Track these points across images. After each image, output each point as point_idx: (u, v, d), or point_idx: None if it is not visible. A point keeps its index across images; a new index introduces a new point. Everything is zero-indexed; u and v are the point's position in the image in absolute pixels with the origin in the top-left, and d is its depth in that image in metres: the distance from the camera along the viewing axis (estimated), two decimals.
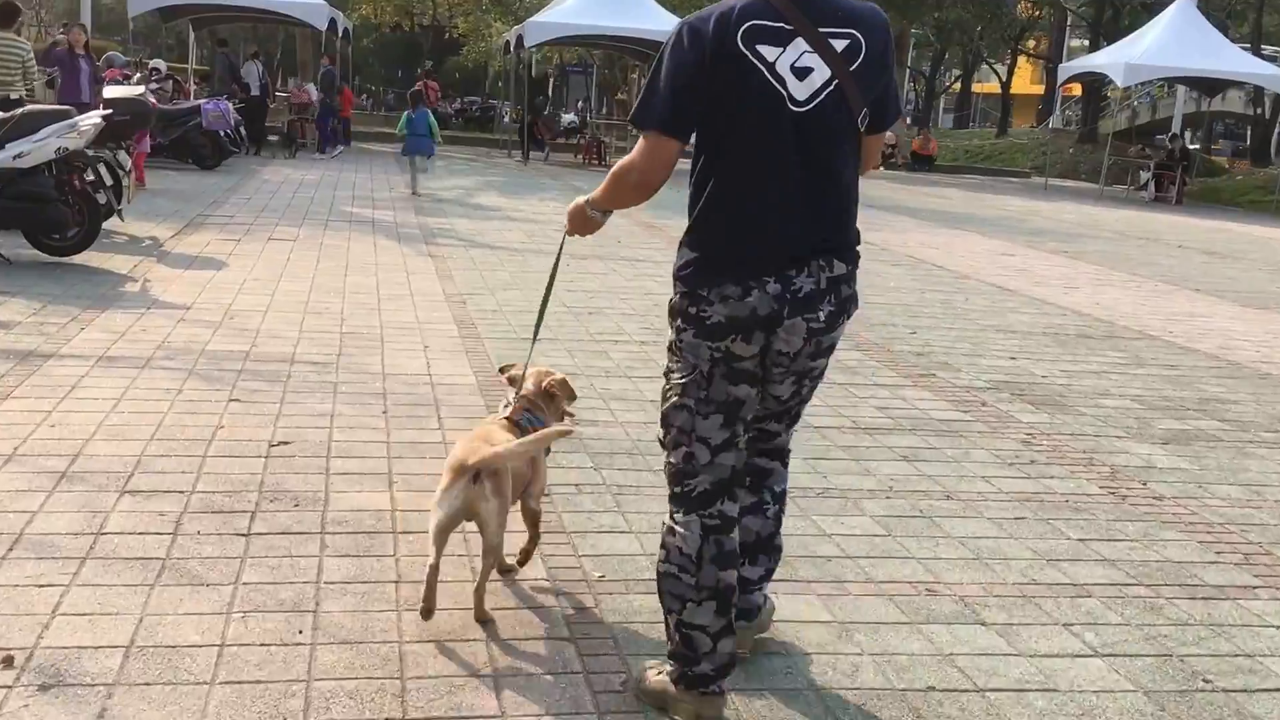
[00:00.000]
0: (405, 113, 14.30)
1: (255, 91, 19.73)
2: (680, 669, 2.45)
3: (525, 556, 3.12)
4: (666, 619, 2.49)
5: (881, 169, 28.46)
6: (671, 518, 2.49)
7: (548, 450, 3.17)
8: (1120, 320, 8.28)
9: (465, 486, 2.74)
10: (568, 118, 33.01)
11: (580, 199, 2.62)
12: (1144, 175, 25.31)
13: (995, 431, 5.08)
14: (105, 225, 8.37)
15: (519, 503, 3.01)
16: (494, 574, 2.95)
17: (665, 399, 2.49)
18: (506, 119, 27.60)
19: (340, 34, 21.07)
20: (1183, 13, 22.98)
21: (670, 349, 2.47)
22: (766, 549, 2.67)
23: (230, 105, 14.83)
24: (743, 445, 2.48)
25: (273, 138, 19.20)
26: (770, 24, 2.29)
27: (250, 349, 5.42)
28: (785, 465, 2.70)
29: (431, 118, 14.20)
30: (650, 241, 10.62)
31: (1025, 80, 56.54)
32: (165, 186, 12.26)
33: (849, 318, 2.50)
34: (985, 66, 48.02)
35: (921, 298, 8.51)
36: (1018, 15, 32.41)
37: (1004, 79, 42.40)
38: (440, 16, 39.93)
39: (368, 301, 6.80)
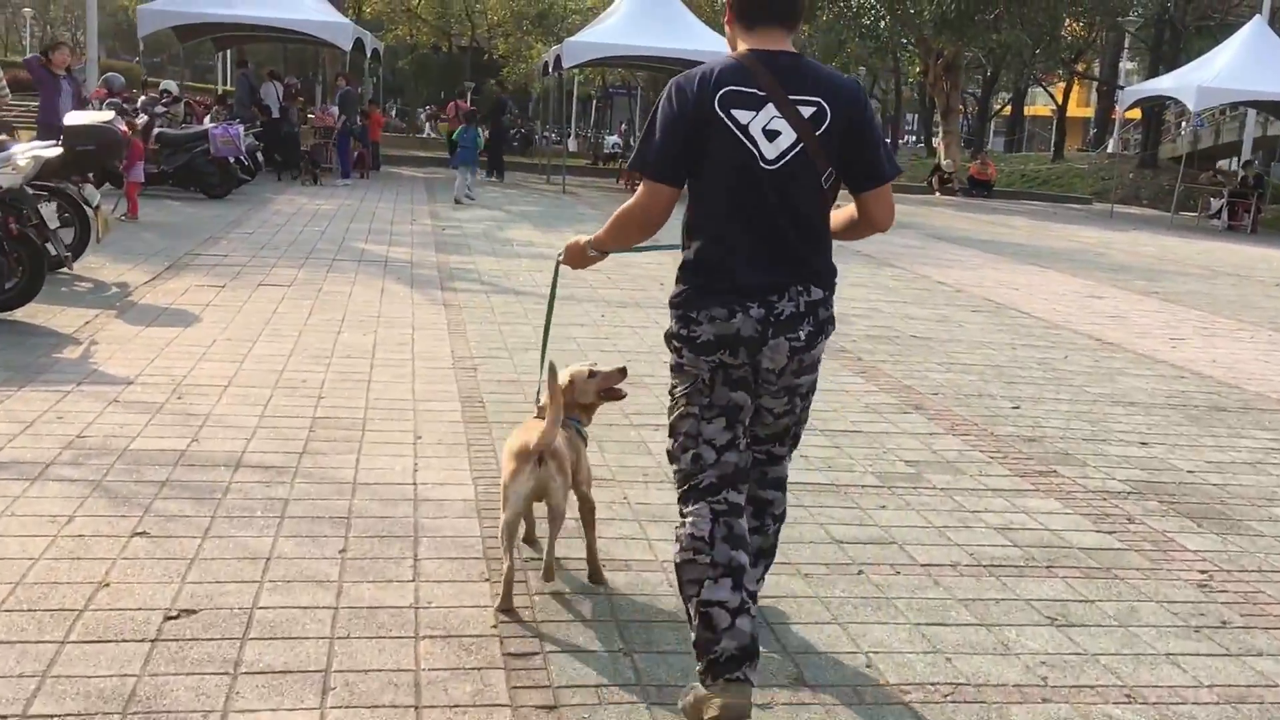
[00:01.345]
0: (459, 128, 16.79)
1: (275, 114, 18.88)
2: (706, 659, 2.54)
3: (591, 556, 3.34)
4: (688, 609, 2.62)
5: (938, 194, 27.24)
6: (681, 515, 2.72)
7: (585, 440, 3.36)
8: (1249, 384, 6.94)
9: (534, 470, 3.03)
10: (611, 140, 31.95)
11: (581, 238, 2.97)
12: (1215, 203, 23.78)
13: (1158, 568, 3.80)
14: (72, 268, 7.34)
15: (572, 491, 3.21)
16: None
17: (672, 412, 2.78)
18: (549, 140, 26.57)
19: (368, 54, 20.10)
20: (1256, 34, 21.52)
21: (672, 370, 2.77)
22: (766, 557, 2.90)
23: (241, 130, 13.82)
24: (744, 447, 2.74)
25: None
26: (745, 89, 2.61)
27: (188, 446, 4.26)
28: (784, 493, 2.94)
29: (479, 136, 16.19)
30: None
31: (1072, 102, 54.94)
32: (161, 219, 11.27)
33: (826, 337, 2.79)
34: (1031, 89, 46.59)
35: (1014, 356, 7.21)
36: (1074, 37, 30.89)
37: (1058, 102, 40.91)
38: (479, 38, 39.14)
39: (357, 370, 5.64)
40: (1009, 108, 50.37)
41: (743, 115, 2.60)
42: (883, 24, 27.17)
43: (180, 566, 3.18)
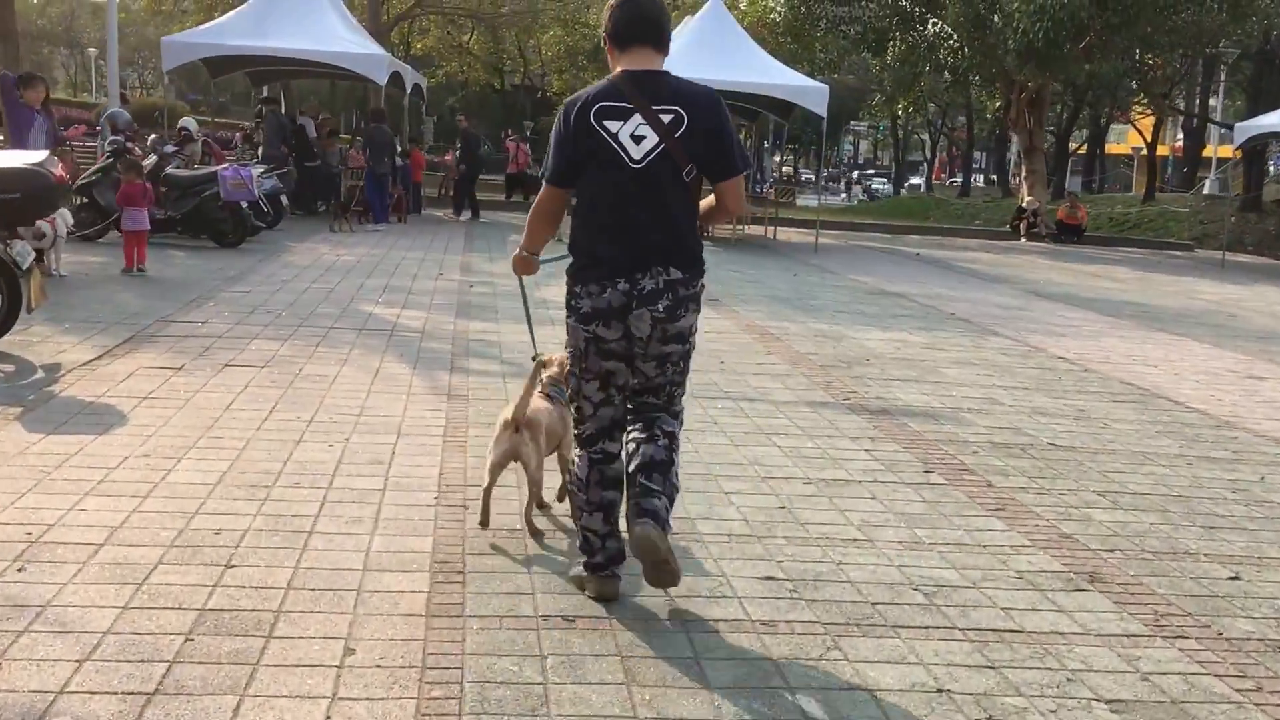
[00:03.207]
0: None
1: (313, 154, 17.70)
2: (586, 562, 3.43)
3: (562, 493, 4.16)
4: (575, 523, 3.59)
5: (1024, 239, 25.24)
6: (574, 453, 3.52)
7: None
8: None
9: (510, 436, 3.77)
10: None
11: (517, 250, 3.64)
12: None
13: None
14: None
15: (555, 452, 4.02)
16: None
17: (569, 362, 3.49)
18: None
19: (408, 89, 18.83)
20: None
21: (567, 332, 3.42)
22: (663, 470, 3.30)
23: (254, 172, 12.49)
24: (618, 403, 3.40)
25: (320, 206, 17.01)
26: (615, 104, 3.25)
27: None
28: (672, 416, 3.43)
29: None
30: (766, 362, 7.72)
31: (1140, 139, 52.29)
32: (153, 273, 9.90)
33: (688, 313, 3.31)
34: (1101, 126, 44.29)
35: (1193, 477, 5.40)
36: (1170, 68, 28.78)
37: (1146, 139, 38.64)
38: (532, 75, 38.11)
39: (298, 512, 4.06)
40: (1084, 146, 48.10)
41: (613, 125, 3.24)
42: (961, 55, 25.36)
43: None
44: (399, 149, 18.11)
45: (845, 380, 7.19)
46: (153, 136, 14.40)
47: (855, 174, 65.65)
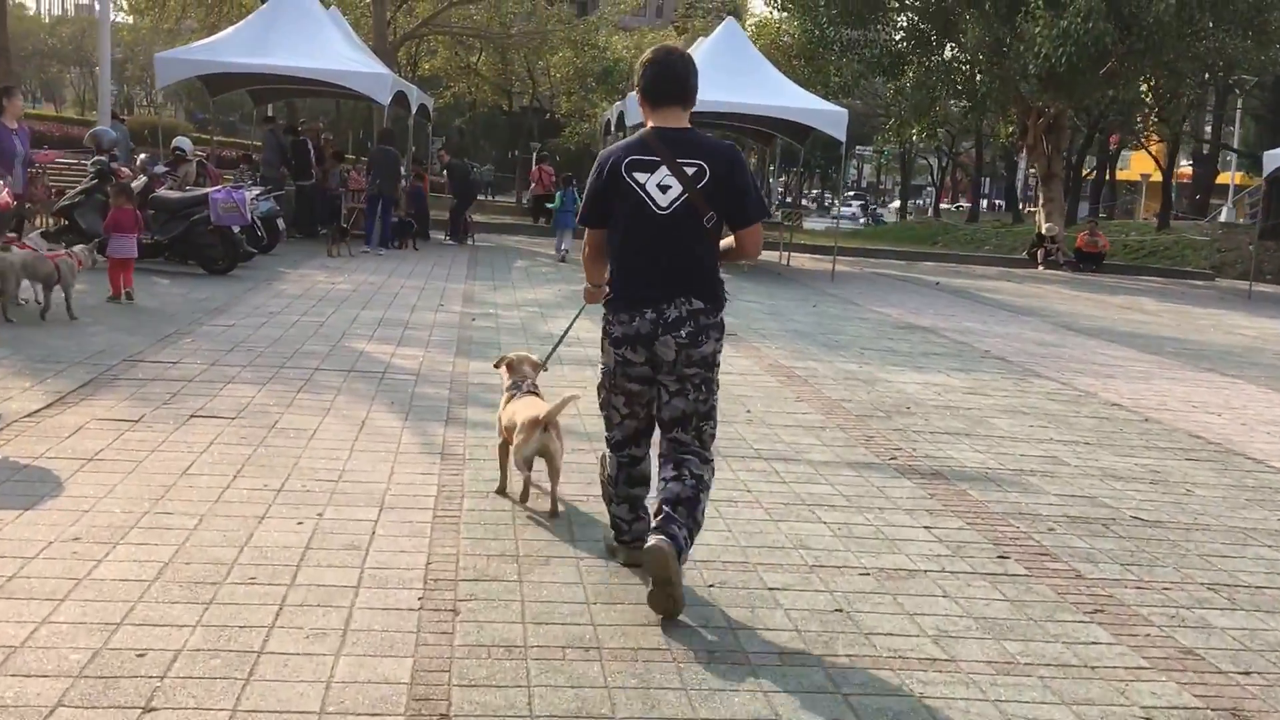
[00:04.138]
0: (559, 191, 17.92)
1: (314, 175, 17.06)
2: (616, 536, 3.96)
3: (554, 509, 4.53)
4: (607, 508, 4.00)
5: (1042, 267, 24.51)
6: (606, 446, 3.95)
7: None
8: None
9: (540, 434, 4.28)
10: None
11: (586, 286, 4.03)
12: None
13: None
14: None
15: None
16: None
17: (599, 380, 3.93)
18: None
19: (413, 110, 18.18)
20: None
21: (601, 349, 3.86)
22: (689, 506, 3.59)
23: (247, 195, 11.79)
24: (642, 417, 3.81)
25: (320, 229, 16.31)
26: (644, 157, 3.66)
27: None
28: (701, 459, 3.71)
29: (577, 198, 16.52)
30: (796, 410, 6.96)
31: (1148, 165, 51.56)
32: (137, 301, 9.16)
33: (709, 340, 3.67)
34: (1110, 152, 43.62)
35: None
36: (1192, 94, 28.07)
37: (1161, 165, 37.90)
38: (541, 96, 37.53)
39: (255, 617, 3.30)
40: (1093, 172, 47.38)
41: (641, 176, 3.65)
42: (978, 78, 24.68)
43: None
44: (404, 172, 17.44)
45: (887, 434, 6.43)
46: (143, 156, 13.71)
47: (857, 199, 65.21)
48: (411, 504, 4.51)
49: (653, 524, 3.58)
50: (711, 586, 3.79)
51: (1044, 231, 25.66)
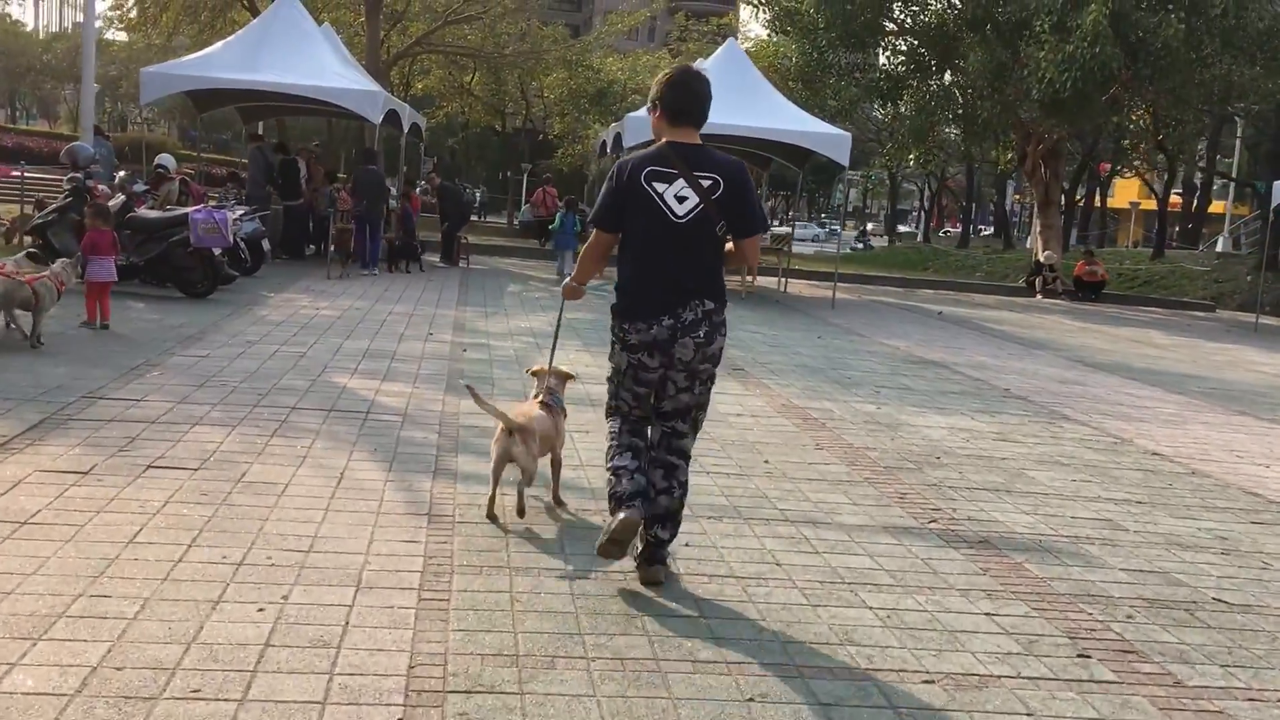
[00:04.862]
0: (559, 213, 17.76)
1: (304, 195, 16.47)
2: (611, 496, 4.04)
3: (555, 490, 4.97)
4: (607, 473, 4.13)
5: (1040, 296, 24.05)
6: (609, 421, 4.22)
7: (564, 415, 4.96)
8: None
9: (505, 440, 4.54)
10: None
11: (569, 280, 4.38)
12: None
13: None
14: None
15: (549, 453, 4.83)
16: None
17: (610, 368, 4.19)
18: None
19: (405, 129, 17.61)
20: None
21: (611, 346, 4.16)
22: (674, 518, 4.05)
23: (230, 215, 11.16)
24: (647, 407, 4.12)
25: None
26: (662, 169, 3.96)
27: None
28: (686, 460, 4.12)
29: (578, 221, 17.10)
30: (817, 461, 6.36)
31: (1135, 193, 51.33)
32: (109, 327, 8.52)
33: (720, 337, 4.02)
34: (1101, 179, 43.31)
35: None
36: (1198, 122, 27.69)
37: (1157, 193, 37.63)
38: (534, 117, 37.03)
39: None
40: (1081, 199, 47.07)
41: (660, 186, 3.94)
42: (979, 104, 24.23)
43: None
44: (393, 192, 16.85)
45: (921, 490, 5.84)
46: (121, 173, 13.07)
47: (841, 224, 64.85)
48: (393, 582, 3.88)
49: (642, 546, 4.04)
50: (751, 700, 3.18)
51: (1042, 260, 25.21)
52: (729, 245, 4.07)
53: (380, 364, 8.30)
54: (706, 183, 3.91)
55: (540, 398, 4.85)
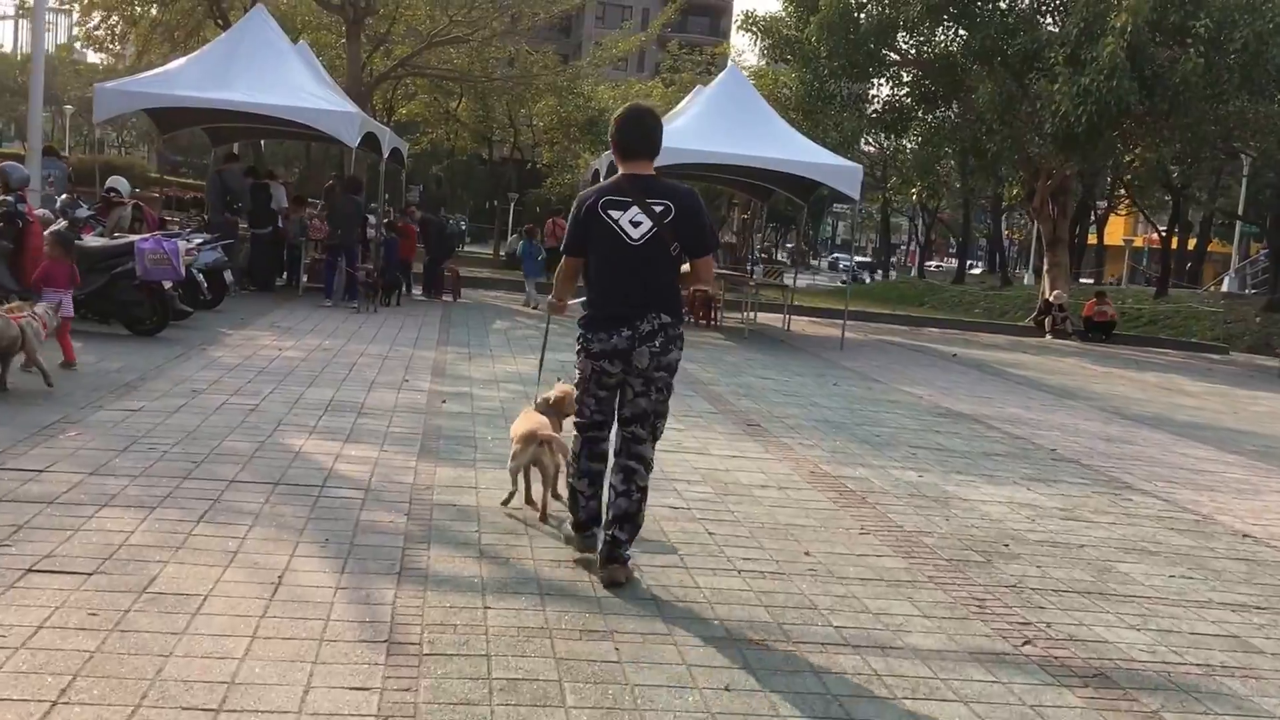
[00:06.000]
0: (521, 241, 18.62)
1: (280, 223, 15.42)
2: (573, 520, 4.66)
3: (555, 489, 5.20)
4: (567, 483, 4.73)
5: (1049, 336, 23.13)
6: (573, 436, 4.64)
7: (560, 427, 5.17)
8: None
9: (534, 448, 4.96)
10: None
11: (550, 299, 4.93)
12: None
13: None
14: None
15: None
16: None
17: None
18: None
19: (385, 154, 16.56)
20: None
21: (577, 355, 4.53)
22: (632, 519, 4.39)
23: (181, 246, 10.05)
24: (607, 412, 4.53)
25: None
26: (618, 198, 4.40)
27: None
28: (645, 465, 4.44)
29: (536, 248, 18.46)
30: (864, 549, 5.26)
31: (1125, 229, 50.76)
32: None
33: (675, 349, 4.43)
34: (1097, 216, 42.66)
35: None
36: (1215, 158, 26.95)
37: (1161, 231, 36.92)
38: (522, 145, 36.08)
39: None
40: (1077, 237, 46.32)
41: (615, 214, 4.37)
42: (986, 138, 23.36)
43: None
44: (370, 221, 15.77)
45: (1000, 594, 4.75)
46: (63, 197, 11.96)
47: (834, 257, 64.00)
48: None
49: (602, 543, 4.41)
50: None
51: (1051, 299, 24.32)
52: (685, 266, 4.45)
53: (344, 420, 7.17)
54: (659, 208, 4.34)
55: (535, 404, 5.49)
